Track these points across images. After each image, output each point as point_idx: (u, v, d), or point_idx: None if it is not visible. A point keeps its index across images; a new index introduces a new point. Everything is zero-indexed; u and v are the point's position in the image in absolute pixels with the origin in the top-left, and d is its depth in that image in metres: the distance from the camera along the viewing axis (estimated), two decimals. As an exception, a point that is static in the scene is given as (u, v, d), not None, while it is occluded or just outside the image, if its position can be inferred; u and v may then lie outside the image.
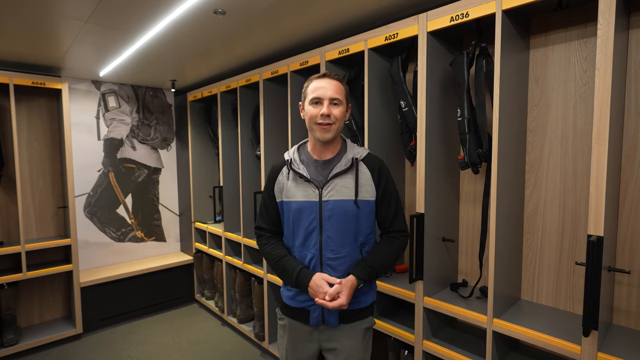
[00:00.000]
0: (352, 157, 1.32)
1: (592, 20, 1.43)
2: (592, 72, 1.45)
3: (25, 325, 3.03)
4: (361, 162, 1.33)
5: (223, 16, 1.81)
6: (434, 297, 1.69)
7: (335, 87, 1.28)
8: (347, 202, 1.29)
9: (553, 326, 1.41)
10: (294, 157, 1.36)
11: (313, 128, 1.30)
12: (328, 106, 1.27)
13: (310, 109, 1.29)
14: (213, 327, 3.25)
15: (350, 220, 1.30)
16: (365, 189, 1.31)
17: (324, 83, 1.28)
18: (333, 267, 1.31)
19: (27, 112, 2.99)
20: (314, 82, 1.31)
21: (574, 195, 1.53)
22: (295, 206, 1.32)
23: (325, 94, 1.27)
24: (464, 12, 1.47)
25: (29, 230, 3.03)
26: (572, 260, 1.54)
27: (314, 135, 1.31)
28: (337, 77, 1.31)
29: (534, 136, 1.62)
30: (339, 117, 1.29)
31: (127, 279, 3.32)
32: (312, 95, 1.29)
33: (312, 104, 1.29)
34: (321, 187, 1.30)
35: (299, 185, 1.32)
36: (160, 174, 3.78)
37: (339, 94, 1.29)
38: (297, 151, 1.39)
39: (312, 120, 1.29)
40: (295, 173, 1.33)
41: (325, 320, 1.34)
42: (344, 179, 1.30)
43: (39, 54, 2.51)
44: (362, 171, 1.32)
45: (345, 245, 1.31)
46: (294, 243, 1.36)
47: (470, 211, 1.85)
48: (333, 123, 1.28)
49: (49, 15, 1.84)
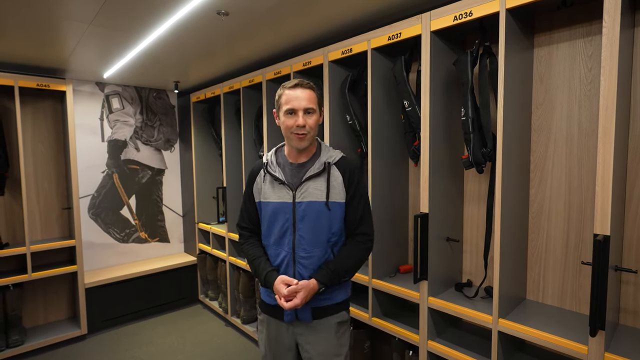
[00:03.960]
0: (324, 162, 1.38)
1: (597, 18, 1.42)
2: (597, 71, 1.44)
3: (31, 326, 3.05)
4: (334, 166, 1.38)
5: (226, 17, 1.81)
6: (438, 297, 1.68)
7: (308, 96, 1.32)
8: (319, 203, 1.35)
9: (559, 326, 1.40)
10: (270, 160, 1.42)
11: (289, 137, 1.35)
12: (303, 117, 1.31)
13: (286, 120, 1.34)
14: (217, 327, 3.25)
15: (321, 221, 1.36)
16: (336, 191, 1.36)
17: (298, 93, 1.32)
18: (305, 265, 1.37)
19: (31, 114, 3.01)
20: (286, 92, 1.34)
21: (580, 194, 1.51)
22: (271, 207, 1.39)
23: (300, 104, 1.31)
24: (467, 11, 1.46)
25: (34, 231, 3.05)
26: (577, 259, 1.53)
27: (290, 144, 1.38)
28: (309, 85, 1.35)
29: (538, 135, 1.61)
30: (313, 126, 1.34)
31: (131, 280, 3.33)
32: (286, 106, 1.33)
33: (286, 114, 1.33)
34: (295, 189, 1.36)
35: (275, 187, 1.39)
36: (164, 175, 3.80)
37: (312, 102, 1.33)
38: (275, 154, 1.45)
39: (287, 130, 1.34)
40: (272, 175, 1.39)
41: (298, 316, 1.40)
42: (316, 181, 1.36)
43: (43, 56, 2.53)
44: (334, 175, 1.37)
45: (316, 245, 1.37)
46: (269, 241, 1.42)
47: (475, 211, 1.84)
48: (308, 133, 1.33)
49: (53, 18, 1.85)
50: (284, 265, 1.38)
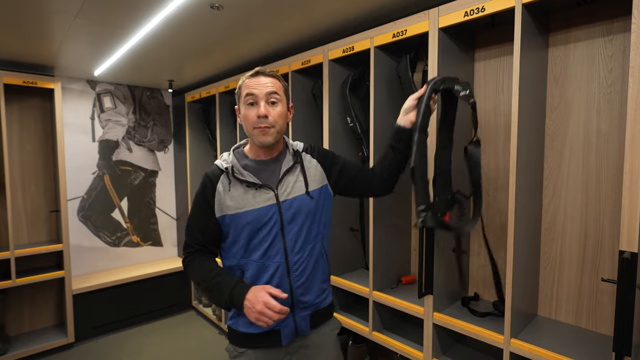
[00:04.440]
0: (293, 150, 1.26)
1: (619, 16, 1.32)
2: (618, 72, 1.34)
3: (15, 333, 2.92)
4: (303, 153, 1.28)
5: (220, 11, 1.70)
6: (444, 313, 1.58)
7: (271, 82, 1.16)
8: (302, 196, 1.21)
9: (577, 348, 1.29)
10: (234, 164, 1.20)
11: (252, 133, 1.17)
12: (265, 106, 1.13)
13: (246, 112, 1.16)
14: (210, 335, 3.13)
15: (310, 214, 1.22)
16: (313, 178, 1.25)
17: (259, 80, 1.15)
18: (302, 270, 1.21)
19: (18, 113, 2.88)
20: (246, 81, 1.17)
21: (597, 205, 1.41)
22: (250, 216, 1.16)
23: (261, 91, 1.13)
24: (479, 6, 1.36)
25: (20, 235, 2.92)
26: (594, 275, 1.43)
27: (255, 140, 1.18)
28: (272, 73, 1.18)
29: (552, 140, 1.51)
30: (279, 118, 1.16)
31: (122, 286, 3.20)
32: (245, 92, 1.15)
33: (246, 105, 1.16)
34: (275, 188, 1.19)
35: (248, 193, 1.17)
36: (157, 177, 3.68)
37: (278, 89, 1.17)
38: (235, 157, 1.23)
39: (249, 124, 1.16)
40: (241, 181, 1.18)
41: (298, 330, 1.22)
42: (294, 174, 1.23)
43: (30, 52, 2.41)
44: (308, 161, 1.27)
45: (308, 243, 1.22)
46: (249, 258, 1.18)
47: (483, 219, 1.74)
48: (272, 126, 1.15)
49: (37, 10, 1.73)
50: (276, 279, 1.17)
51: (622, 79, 1.32)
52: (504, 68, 1.64)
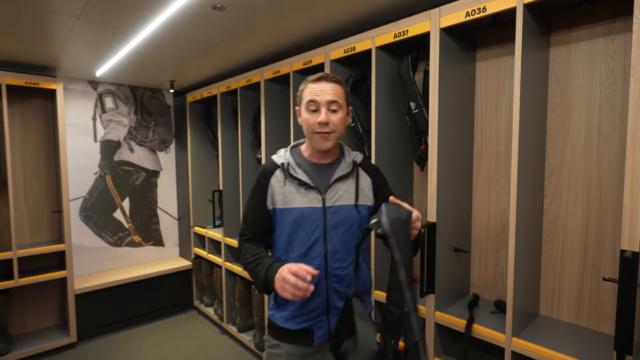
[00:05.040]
0: (352, 161, 1.26)
1: (620, 15, 1.32)
2: (619, 72, 1.34)
3: (18, 333, 2.93)
4: (359, 167, 1.27)
5: (222, 12, 1.71)
6: (445, 312, 1.58)
7: (333, 89, 1.17)
8: (349, 207, 1.22)
9: (578, 347, 1.30)
10: (290, 161, 1.24)
11: (312, 137, 1.20)
12: (326, 113, 1.16)
13: (307, 117, 1.18)
14: (212, 335, 3.14)
15: (354, 226, 1.22)
16: (365, 194, 1.25)
17: (322, 86, 1.17)
18: (340, 277, 1.20)
19: (21, 113, 2.89)
20: (309, 85, 1.19)
21: (599, 204, 1.41)
22: (295, 213, 1.19)
23: (323, 98, 1.16)
24: (480, 6, 1.36)
25: (22, 235, 2.93)
26: (596, 274, 1.43)
27: (314, 145, 1.21)
28: (335, 78, 1.20)
29: (554, 140, 1.51)
30: (338, 125, 1.18)
31: (124, 286, 3.21)
32: (307, 99, 1.18)
33: (308, 110, 1.18)
34: (324, 192, 1.20)
35: (299, 191, 1.20)
36: (159, 177, 3.68)
37: (339, 97, 1.18)
38: (291, 155, 1.27)
39: (310, 128, 1.18)
40: (294, 178, 1.21)
41: (332, 334, 1.21)
42: (345, 183, 1.23)
43: (32, 53, 2.42)
44: (363, 176, 1.27)
45: (350, 254, 1.22)
46: (289, 256, 1.21)
47: (484, 219, 1.74)
48: (332, 131, 1.17)
49: (39, 12, 1.74)
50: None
51: (624, 79, 1.33)
52: (505, 68, 1.64)
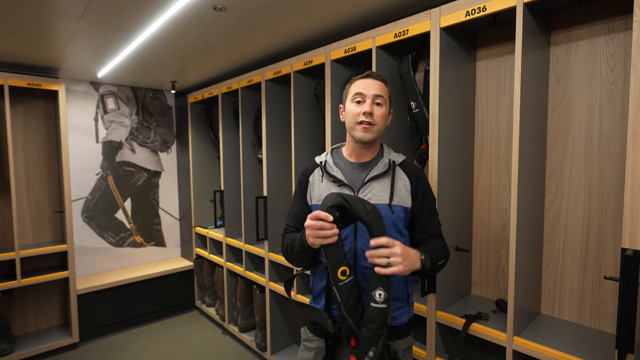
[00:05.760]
0: (389, 160, 1.25)
1: (621, 14, 1.32)
2: (620, 70, 1.34)
3: (20, 333, 2.94)
4: (399, 167, 1.26)
5: (223, 12, 1.71)
6: (447, 312, 1.58)
7: (380, 86, 1.22)
8: (383, 206, 1.19)
9: (580, 346, 1.30)
10: (327, 160, 1.29)
11: (354, 127, 1.21)
12: (370, 104, 1.20)
13: (352, 107, 1.22)
14: (213, 336, 3.15)
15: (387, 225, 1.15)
16: (401, 194, 1.22)
17: (368, 82, 1.22)
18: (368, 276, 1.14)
19: (23, 114, 2.91)
20: (357, 81, 1.24)
21: (600, 203, 1.41)
22: None
23: (369, 91, 1.20)
24: (480, 5, 1.36)
25: (25, 235, 2.94)
26: (597, 272, 1.43)
27: (354, 135, 1.22)
28: (381, 77, 1.25)
29: (554, 139, 1.51)
30: (381, 118, 1.21)
31: (126, 286, 3.22)
32: (354, 92, 1.22)
33: (354, 102, 1.22)
34: (357, 191, 1.21)
35: (333, 188, 1.23)
36: (160, 178, 3.69)
37: (384, 92, 1.22)
38: (331, 155, 1.31)
39: (353, 118, 1.21)
40: (330, 175, 1.25)
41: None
42: (381, 182, 1.22)
43: (34, 54, 2.43)
44: (400, 176, 1.25)
45: None
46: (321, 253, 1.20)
47: (485, 218, 1.74)
48: (375, 124, 1.20)
49: (41, 13, 1.75)
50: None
51: (624, 77, 1.33)
52: (505, 67, 1.64)
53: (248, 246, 2.76)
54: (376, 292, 1.04)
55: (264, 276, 2.62)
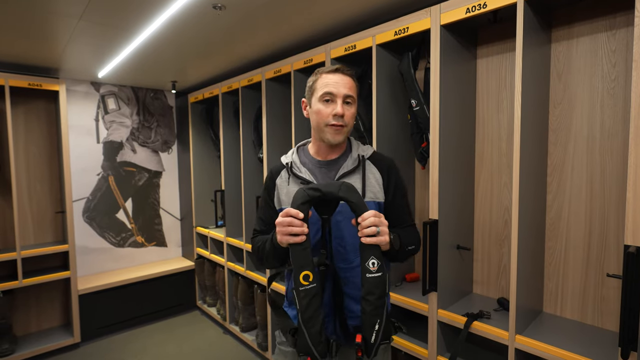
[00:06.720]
0: (358, 155, 1.21)
1: (622, 10, 1.32)
2: (622, 67, 1.33)
3: (22, 333, 2.94)
4: (369, 161, 1.21)
5: (223, 11, 1.71)
6: (448, 310, 1.57)
7: (349, 84, 1.16)
8: None
9: (583, 344, 1.29)
10: (294, 160, 1.23)
11: (323, 130, 1.16)
12: (342, 105, 1.13)
13: (321, 107, 1.15)
14: (215, 335, 3.14)
15: None
16: (372, 189, 1.18)
17: (338, 78, 1.14)
18: (348, 278, 1.15)
19: (24, 115, 2.91)
20: (324, 76, 1.16)
21: (602, 200, 1.40)
22: None
23: (339, 90, 1.13)
24: (481, 2, 1.36)
25: (26, 236, 2.95)
26: (600, 270, 1.42)
27: (324, 137, 1.17)
28: (350, 72, 1.18)
29: (556, 136, 1.50)
30: (351, 119, 1.17)
31: (127, 286, 3.22)
32: (323, 90, 1.14)
33: (322, 101, 1.15)
34: None
35: None
36: (161, 178, 3.70)
37: (353, 91, 1.17)
38: (297, 153, 1.26)
39: (322, 120, 1.15)
40: (297, 177, 1.19)
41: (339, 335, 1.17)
42: (351, 179, 1.18)
43: (34, 55, 2.43)
44: (371, 170, 1.20)
45: (357, 254, 1.15)
46: None
47: (487, 216, 1.74)
48: (346, 125, 1.15)
49: (41, 13, 1.75)
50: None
51: (626, 73, 1.32)
52: (506, 64, 1.63)
53: (249, 246, 2.75)
54: (369, 262, 1.03)
55: (265, 276, 2.62)
